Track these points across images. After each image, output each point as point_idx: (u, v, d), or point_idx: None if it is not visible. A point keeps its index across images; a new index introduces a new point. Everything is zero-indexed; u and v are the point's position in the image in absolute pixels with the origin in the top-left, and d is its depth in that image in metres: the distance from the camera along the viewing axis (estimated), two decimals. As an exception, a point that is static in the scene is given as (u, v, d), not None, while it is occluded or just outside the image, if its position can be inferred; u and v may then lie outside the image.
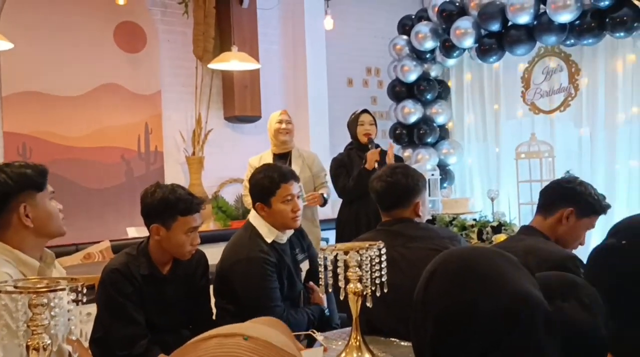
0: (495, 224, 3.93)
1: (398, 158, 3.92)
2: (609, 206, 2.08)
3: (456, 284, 0.90)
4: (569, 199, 2.03)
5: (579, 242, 2.08)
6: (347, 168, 3.76)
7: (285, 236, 2.39)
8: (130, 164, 4.59)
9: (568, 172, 2.28)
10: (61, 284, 1.08)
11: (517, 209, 4.22)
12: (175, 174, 4.71)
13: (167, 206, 2.01)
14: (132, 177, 4.57)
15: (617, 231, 1.21)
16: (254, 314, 2.19)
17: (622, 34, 3.70)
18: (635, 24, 3.61)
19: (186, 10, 4.62)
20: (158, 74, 4.70)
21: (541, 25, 4.04)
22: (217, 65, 4.27)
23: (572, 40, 4.01)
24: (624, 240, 1.18)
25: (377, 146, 3.72)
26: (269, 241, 2.32)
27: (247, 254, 2.26)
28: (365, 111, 3.85)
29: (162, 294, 2.11)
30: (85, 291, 1.10)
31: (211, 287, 2.37)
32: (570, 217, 2.01)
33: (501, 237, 3.72)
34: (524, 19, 4.10)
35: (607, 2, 3.67)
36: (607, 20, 3.70)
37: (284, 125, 3.77)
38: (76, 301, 1.07)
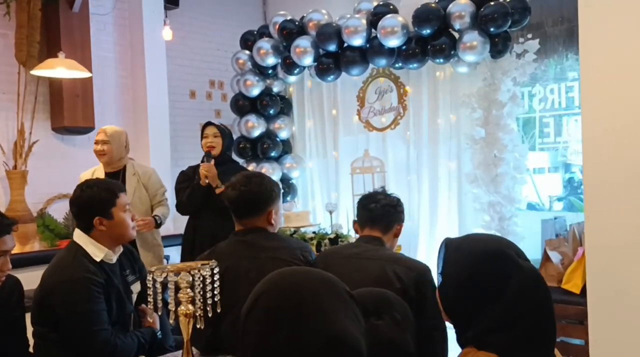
0: (332, 236, 4.09)
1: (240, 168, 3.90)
2: None
3: (275, 320, 0.90)
4: (399, 216, 2.22)
5: None
6: (192, 182, 3.67)
7: (114, 256, 2.27)
8: (-63, 179, 4.04)
9: (383, 188, 2.44)
10: None
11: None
12: (-8, 190, 4.24)
13: None
14: (-62, 194, 4.03)
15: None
16: (77, 340, 2.07)
17: (441, 60, 4.08)
18: (452, 52, 4.01)
19: (8, 11, 4.20)
20: (-28, 78, 4.21)
21: (373, 48, 4.31)
22: (41, 72, 3.93)
23: (400, 64, 4.34)
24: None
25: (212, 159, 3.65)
26: (97, 260, 2.18)
27: (70, 275, 2.10)
28: (209, 123, 3.78)
29: (-34, 329, 1.88)
30: None
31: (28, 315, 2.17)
32: (398, 231, 2.20)
33: (338, 248, 3.88)
34: (357, 41, 4.35)
35: (428, 31, 4.03)
36: (429, 47, 4.06)
37: (99, 147, 3.53)
38: None
